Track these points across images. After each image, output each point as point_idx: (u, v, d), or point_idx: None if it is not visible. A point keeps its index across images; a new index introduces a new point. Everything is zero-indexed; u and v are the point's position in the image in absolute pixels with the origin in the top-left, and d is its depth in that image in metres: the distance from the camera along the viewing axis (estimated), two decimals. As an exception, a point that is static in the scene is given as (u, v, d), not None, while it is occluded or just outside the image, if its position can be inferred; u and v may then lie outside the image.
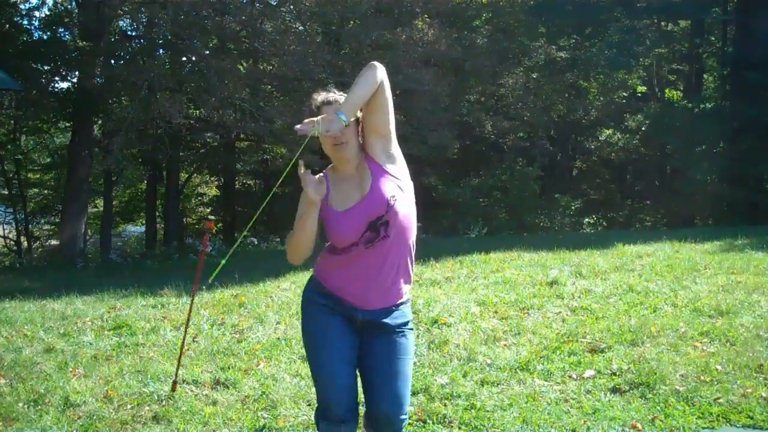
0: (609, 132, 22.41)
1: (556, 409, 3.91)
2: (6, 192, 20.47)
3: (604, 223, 21.63)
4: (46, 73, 16.37)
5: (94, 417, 3.92)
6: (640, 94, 22.24)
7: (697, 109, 19.64)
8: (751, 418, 3.72)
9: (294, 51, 14.26)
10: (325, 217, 2.73)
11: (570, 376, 4.37)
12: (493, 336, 5.19)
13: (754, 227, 12.70)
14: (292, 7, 15.95)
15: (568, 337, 5.06)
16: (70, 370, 4.71)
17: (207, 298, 6.99)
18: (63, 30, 17.10)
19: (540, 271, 7.39)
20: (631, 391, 4.11)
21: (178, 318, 6.07)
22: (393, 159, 2.75)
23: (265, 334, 5.51)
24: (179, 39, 14.29)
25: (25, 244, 20.57)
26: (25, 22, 16.97)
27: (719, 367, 4.34)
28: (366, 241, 2.67)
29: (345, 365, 2.72)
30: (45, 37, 16.79)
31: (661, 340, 4.89)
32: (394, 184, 2.70)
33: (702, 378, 4.19)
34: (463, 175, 18.22)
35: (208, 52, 15.02)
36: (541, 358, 4.68)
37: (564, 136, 21.87)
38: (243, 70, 16.08)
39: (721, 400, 3.90)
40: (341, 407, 2.70)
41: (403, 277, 2.77)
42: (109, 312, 6.50)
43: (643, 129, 21.46)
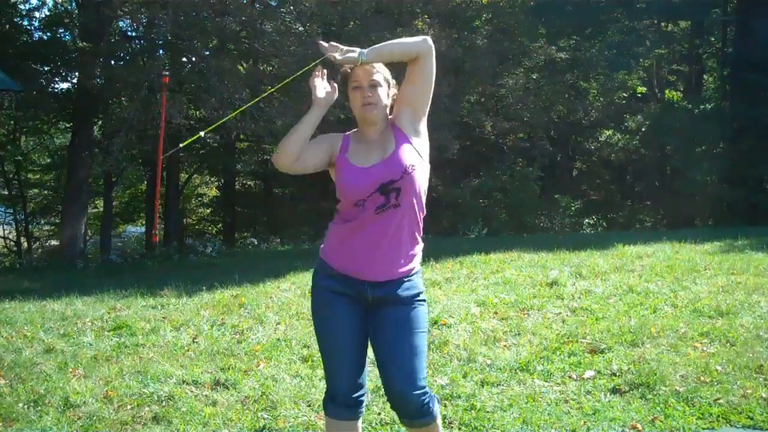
0: (609, 133, 22.42)
1: (556, 409, 3.91)
2: (6, 192, 20.46)
3: (604, 224, 21.64)
4: (46, 73, 16.37)
5: (94, 417, 3.92)
6: (640, 95, 22.24)
7: (697, 110, 19.68)
8: (751, 419, 3.72)
9: (294, 52, 14.27)
10: (340, 168, 2.75)
11: (570, 377, 4.37)
12: (493, 337, 5.19)
13: (754, 228, 12.70)
14: (292, 7, 15.96)
15: (568, 338, 5.06)
16: (70, 370, 4.71)
17: (207, 298, 7.00)
18: (63, 30, 17.10)
19: (540, 272, 7.39)
20: (631, 391, 4.11)
21: (178, 318, 6.07)
22: (419, 134, 2.81)
23: (265, 334, 5.51)
24: (179, 39, 14.29)
25: (25, 244, 20.57)
26: (25, 23, 16.99)
27: (719, 367, 4.33)
28: (376, 206, 2.68)
29: (350, 353, 2.77)
30: (45, 37, 16.80)
31: (661, 341, 4.89)
32: (416, 155, 2.75)
33: (702, 379, 4.19)
34: (463, 175, 18.21)
35: (208, 53, 15.02)
36: (541, 358, 4.68)
37: (564, 136, 21.87)
38: (243, 70, 16.08)
39: (721, 401, 3.90)
40: (346, 394, 2.78)
41: (413, 248, 2.79)
42: (109, 312, 6.49)
43: (643, 130, 21.47)
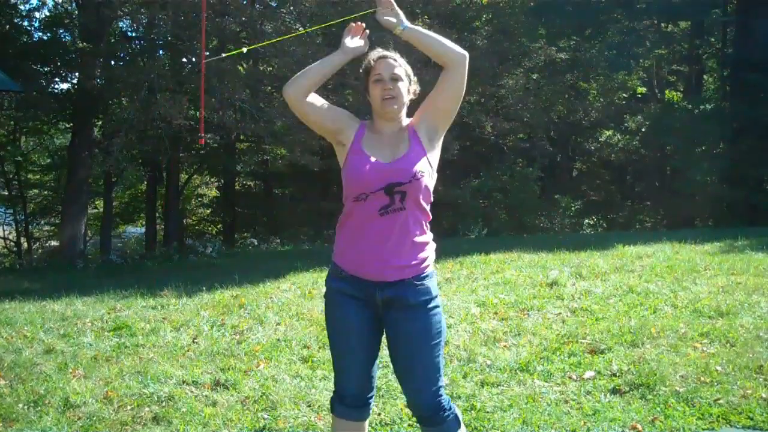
0: (609, 133, 22.43)
1: (556, 410, 3.91)
2: (6, 193, 20.46)
3: (604, 224, 21.64)
4: (46, 74, 16.39)
5: (94, 418, 3.92)
6: (640, 95, 22.26)
7: (697, 110, 19.69)
8: (751, 419, 3.72)
9: (294, 52, 14.26)
10: (351, 153, 2.73)
11: (570, 377, 4.37)
12: (493, 337, 5.19)
13: (754, 228, 12.71)
14: (292, 8, 15.97)
15: (568, 338, 5.06)
16: (70, 371, 4.71)
17: (207, 299, 7.00)
18: (63, 31, 17.11)
19: (540, 272, 7.40)
20: (631, 392, 4.11)
21: (178, 319, 6.07)
22: (433, 146, 2.78)
23: (265, 335, 5.51)
24: (179, 40, 14.30)
25: (25, 245, 20.57)
26: (25, 23, 16.99)
27: (719, 368, 4.33)
28: (380, 206, 2.66)
29: (359, 354, 2.76)
30: (45, 38, 16.82)
31: (661, 341, 4.89)
32: (426, 163, 2.72)
33: (702, 379, 4.19)
34: (463, 176, 18.22)
35: (208, 53, 15.02)
36: (541, 359, 4.68)
37: (564, 137, 21.88)
38: (243, 71, 16.09)
39: (721, 401, 3.90)
40: (354, 395, 2.79)
41: (422, 250, 2.73)
42: (109, 313, 6.50)
43: (643, 130, 21.48)
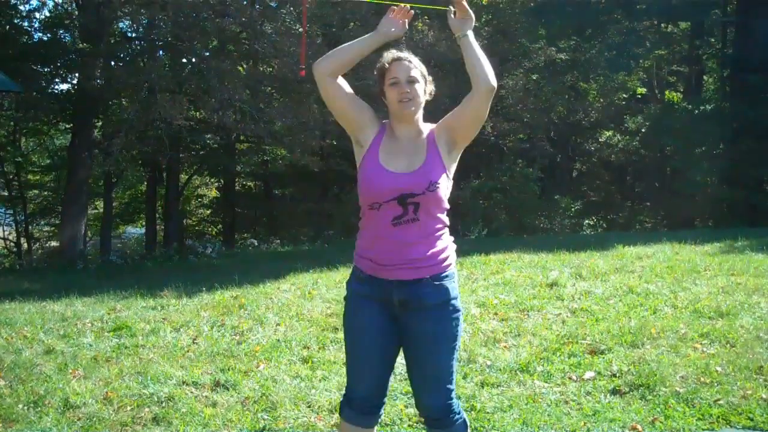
0: (609, 133, 22.43)
1: (556, 410, 3.90)
2: (6, 193, 20.46)
3: (604, 225, 21.65)
4: (46, 74, 16.39)
5: (94, 418, 3.92)
6: (640, 96, 22.26)
7: (697, 111, 19.67)
8: (751, 420, 3.71)
9: (294, 52, 14.26)
10: (367, 161, 2.71)
11: (570, 378, 4.37)
12: (493, 337, 5.19)
13: (754, 229, 12.70)
14: (292, 8, 15.96)
15: (568, 339, 5.06)
16: (70, 371, 4.71)
17: (207, 299, 6.99)
18: (63, 32, 17.11)
19: (540, 273, 7.40)
20: (631, 392, 4.11)
21: (178, 319, 6.07)
22: (452, 158, 2.75)
23: (265, 335, 5.51)
24: (179, 40, 14.30)
25: (25, 245, 20.55)
26: (25, 24, 16.98)
27: (719, 368, 4.33)
28: (393, 216, 2.64)
29: (371, 359, 2.74)
30: (45, 38, 16.80)
31: (661, 342, 4.89)
32: (444, 175, 2.69)
33: (702, 379, 4.19)
34: (462, 176, 18.20)
35: (208, 54, 15.03)
36: (541, 359, 4.68)
37: (564, 137, 21.88)
38: (243, 71, 16.09)
39: (721, 402, 3.90)
40: (363, 398, 2.76)
41: (440, 250, 2.70)
42: (109, 313, 6.49)
43: (643, 131, 21.49)
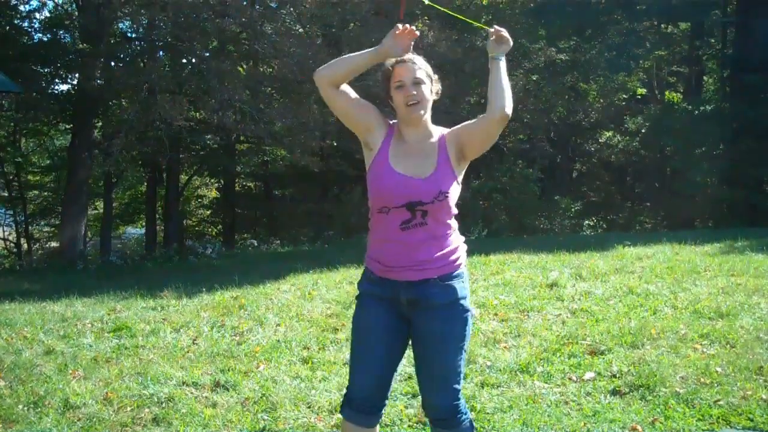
0: (609, 134, 22.44)
1: (556, 411, 3.90)
2: (6, 194, 20.47)
3: (604, 225, 21.65)
4: (46, 75, 16.41)
5: (94, 419, 3.92)
6: (639, 97, 22.27)
7: (696, 111, 19.67)
8: (752, 420, 3.71)
9: (294, 53, 14.28)
10: (377, 165, 2.69)
11: (570, 379, 4.37)
12: (493, 338, 5.18)
13: (754, 229, 12.70)
14: (292, 9, 15.97)
15: (568, 340, 5.05)
16: (70, 372, 4.71)
17: (207, 300, 6.99)
18: (63, 32, 17.12)
19: (540, 273, 7.39)
20: (631, 393, 4.10)
21: (178, 320, 6.07)
22: (461, 166, 2.73)
23: (265, 336, 5.51)
24: (179, 41, 14.31)
25: (25, 246, 20.57)
26: (25, 25, 17.00)
27: (719, 369, 4.33)
28: (401, 221, 2.63)
29: (373, 360, 2.72)
30: (45, 39, 16.82)
31: (661, 342, 4.89)
32: (453, 180, 2.69)
33: (702, 380, 4.19)
34: (463, 176, 18.21)
35: (208, 54, 15.04)
36: (541, 360, 4.68)
37: (564, 138, 21.89)
38: (243, 72, 16.09)
39: (721, 402, 3.89)
40: (363, 399, 2.74)
41: (449, 251, 2.70)
42: (109, 314, 6.49)
43: (642, 131, 21.50)
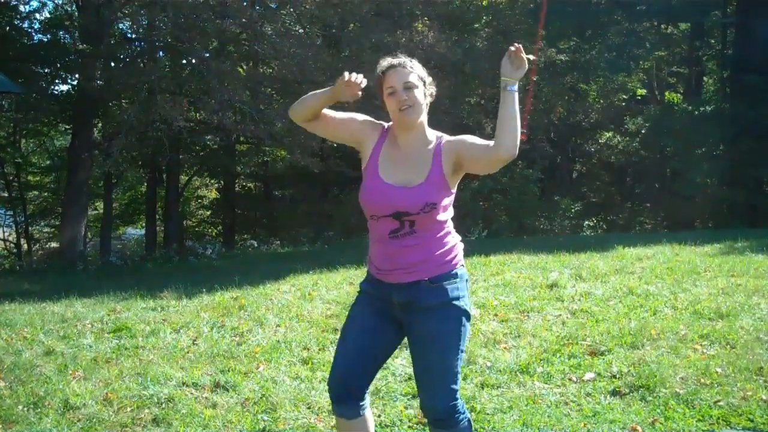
0: (609, 135, 22.45)
1: (556, 411, 3.90)
2: (6, 195, 20.48)
3: (604, 226, 21.66)
4: (46, 75, 16.44)
5: (94, 420, 3.92)
6: (639, 97, 22.28)
7: (696, 112, 19.68)
8: (752, 421, 3.71)
9: (294, 54, 14.28)
10: (367, 174, 2.70)
11: (570, 379, 4.37)
12: (493, 339, 5.18)
13: (754, 229, 12.70)
14: (292, 9, 15.97)
15: (568, 340, 5.05)
16: (70, 372, 4.71)
17: (207, 300, 6.99)
18: (63, 33, 17.14)
19: (540, 274, 7.39)
20: (631, 393, 4.10)
21: (178, 321, 6.07)
22: (455, 177, 2.71)
23: (265, 336, 5.51)
24: (179, 41, 14.30)
25: (24, 246, 20.59)
26: (25, 25, 17.03)
27: (719, 369, 4.33)
28: (390, 230, 2.64)
29: (352, 352, 2.76)
30: (45, 39, 16.84)
31: (661, 343, 4.89)
32: (443, 191, 2.67)
33: (702, 381, 4.19)
34: (462, 177, 18.20)
35: (208, 55, 15.03)
36: (541, 360, 4.68)
37: (564, 138, 21.89)
38: (243, 72, 16.11)
39: (721, 403, 3.89)
40: (334, 388, 2.79)
41: (442, 253, 2.69)
42: (109, 315, 6.49)
43: (642, 132, 21.50)
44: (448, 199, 2.70)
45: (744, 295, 6.09)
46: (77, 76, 15.49)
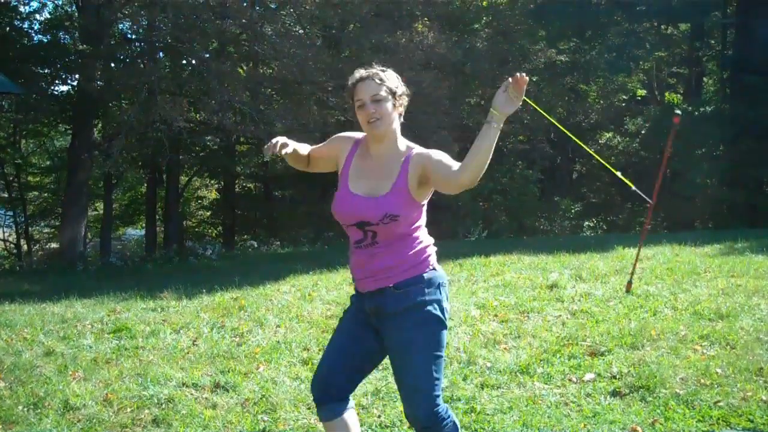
0: (609, 135, 22.46)
1: (556, 412, 3.90)
2: (6, 195, 20.48)
3: (604, 227, 21.67)
4: (46, 76, 16.42)
5: (94, 420, 3.92)
6: (639, 98, 22.27)
7: (697, 113, 19.66)
8: (752, 422, 3.71)
9: (294, 54, 14.27)
10: (339, 183, 2.77)
11: (570, 380, 4.37)
12: (493, 339, 5.19)
13: (754, 230, 12.69)
14: (292, 10, 15.97)
15: (568, 341, 5.06)
16: (70, 373, 4.71)
17: (207, 301, 6.99)
18: (63, 33, 17.13)
19: (540, 275, 7.39)
20: (631, 394, 4.10)
21: (178, 321, 6.07)
22: (423, 189, 2.70)
23: (265, 337, 5.51)
24: (179, 42, 14.31)
25: (25, 247, 20.59)
26: (25, 26, 17.02)
27: (719, 370, 4.33)
28: (355, 239, 2.70)
29: (333, 357, 2.82)
30: (45, 40, 16.84)
31: (661, 344, 4.89)
32: (407, 205, 2.67)
33: (702, 381, 4.19)
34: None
35: (208, 55, 15.04)
36: (541, 361, 4.68)
37: (564, 139, 21.86)
38: (243, 73, 16.10)
39: (721, 404, 3.89)
40: (315, 389, 2.86)
41: (408, 260, 2.69)
42: (108, 315, 6.49)
43: (642, 132, 21.49)
44: (414, 211, 2.70)
45: (744, 295, 6.09)
46: (77, 76, 15.48)
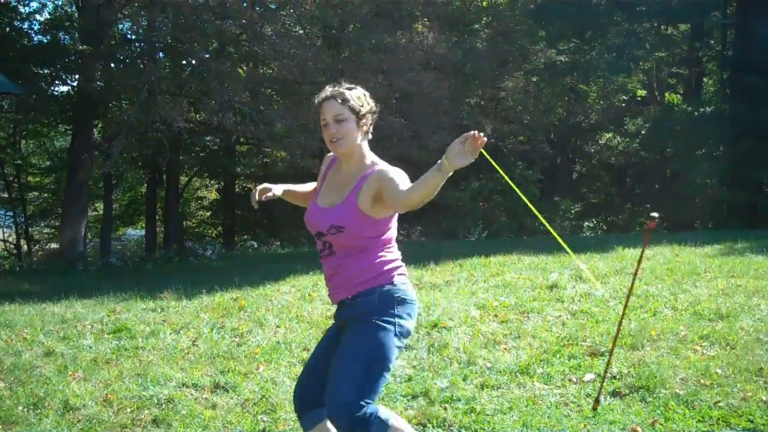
0: (609, 135, 22.45)
1: (556, 412, 3.90)
2: (6, 195, 20.49)
3: (604, 227, 21.67)
4: (46, 76, 16.42)
5: (94, 420, 3.92)
6: (639, 98, 22.27)
7: (696, 113, 19.66)
8: (751, 422, 3.71)
9: (294, 54, 14.28)
10: (316, 190, 2.97)
11: (570, 380, 4.37)
12: (493, 339, 5.19)
13: (754, 230, 12.69)
14: (292, 10, 15.98)
15: (568, 341, 5.05)
16: (70, 373, 4.71)
17: (207, 301, 6.99)
18: (63, 34, 17.13)
19: (540, 275, 7.39)
20: (631, 394, 4.10)
21: (178, 321, 6.07)
22: (377, 206, 2.69)
23: (265, 337, 5.51)
24: (179, 42, 14.31)
25: (25, 247, 20.59)
26: (25, 26, 17.02)
27: (719, 370, 4.33)
28: (319, 249, 2.82)
29: (311, 367, 2.88)
30: (45, 40, 16.83)
31: (661, 344, 4.89)
32: (354, 218, 2.70)
33: (702, 381, 4.19)
34: (462, 178, 18.25)
35: (208, 56, 15.04)
36: (541, 361, 4.68)
37: (564, 139, 21.90)
38: (243, 73, 16.11)
39: (721, 404, 3.89)
40: (294, 402, 2.90)
41: (362, 274, 2.74)
42: (108, 315, 6.50)
43: (642, 132, 21.50)
44: (364, 226, 2.72)
45: (744, 296, 6.09)
46: (77, 77, 15.48)
